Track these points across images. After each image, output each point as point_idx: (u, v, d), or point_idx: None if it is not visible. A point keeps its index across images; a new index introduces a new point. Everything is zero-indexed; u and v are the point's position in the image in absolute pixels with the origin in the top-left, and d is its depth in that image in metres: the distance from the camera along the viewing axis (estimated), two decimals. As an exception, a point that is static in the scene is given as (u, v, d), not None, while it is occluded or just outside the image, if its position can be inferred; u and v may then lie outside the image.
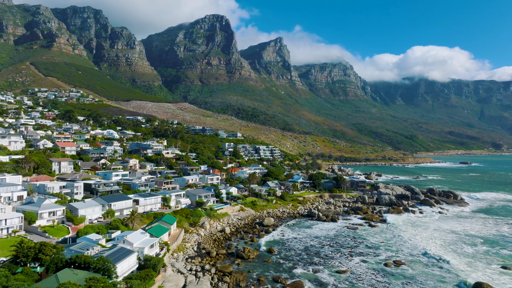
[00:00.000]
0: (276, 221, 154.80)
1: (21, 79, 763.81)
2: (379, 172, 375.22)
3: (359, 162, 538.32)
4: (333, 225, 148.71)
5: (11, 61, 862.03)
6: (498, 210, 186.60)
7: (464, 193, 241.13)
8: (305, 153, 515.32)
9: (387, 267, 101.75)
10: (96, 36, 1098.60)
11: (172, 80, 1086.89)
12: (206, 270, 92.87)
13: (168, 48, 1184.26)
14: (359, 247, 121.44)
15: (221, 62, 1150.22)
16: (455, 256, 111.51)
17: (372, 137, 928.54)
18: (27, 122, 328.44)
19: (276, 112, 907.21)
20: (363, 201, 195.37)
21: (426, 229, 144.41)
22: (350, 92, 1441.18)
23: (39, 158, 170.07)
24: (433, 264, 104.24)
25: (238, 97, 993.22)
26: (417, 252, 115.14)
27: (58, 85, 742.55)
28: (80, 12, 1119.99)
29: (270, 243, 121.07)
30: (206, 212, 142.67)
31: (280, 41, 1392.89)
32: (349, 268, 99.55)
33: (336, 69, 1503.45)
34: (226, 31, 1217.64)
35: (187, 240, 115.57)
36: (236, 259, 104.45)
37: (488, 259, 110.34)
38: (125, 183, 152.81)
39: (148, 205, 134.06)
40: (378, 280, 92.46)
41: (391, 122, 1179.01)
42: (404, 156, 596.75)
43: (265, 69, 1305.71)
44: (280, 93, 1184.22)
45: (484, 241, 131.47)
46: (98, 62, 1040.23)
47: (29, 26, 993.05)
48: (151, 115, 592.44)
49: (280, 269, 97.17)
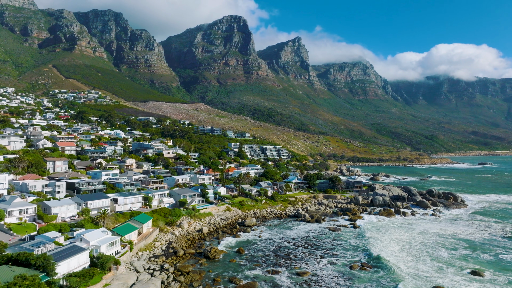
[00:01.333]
0: (260, 221, 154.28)
1: (44, 81, 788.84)
2: (388, 173, 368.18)
3: (372, 162, 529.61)
4: (316, 226, 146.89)
5: (35, 64, 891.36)
6: (497, 213, 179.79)
7: (468, 195, 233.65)
8: (316, 154, 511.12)
9: (352, 269, 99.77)
10: (116, 38, 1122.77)
11: (190, 81, 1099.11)
12: (165, 269, 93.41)
13: (187, 50, 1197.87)
14: (335, 249, 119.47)
15: (238, 63, 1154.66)
16: (426, 260, 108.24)
17: (391, 137, 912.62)
18: (39, 122, 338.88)
19: (292, 112, 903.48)
20: (357, 202, 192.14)
21: (410, 232, 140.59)
22: (370, 92, 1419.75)
23: (34, 157, 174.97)
24: (386, 268, 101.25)
25: (254, 98, 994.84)
26: (381, 255, 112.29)
27: (78, 86, 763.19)
28: (101, 15, 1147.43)
29: (243, 244, 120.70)
30: (187, 211, 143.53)
31: (298, 41, 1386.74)
32: (312, 271, 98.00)
33: (356, 69, 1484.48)
34: (243, 31, 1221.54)
35: (158, 239, 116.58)
36: (201, 259, 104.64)
37: (462, 264, 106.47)
38: (110, 182, 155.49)
39: (128, 204, 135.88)
40: (338, 283, 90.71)
41: (412, 122, 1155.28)
42: (420, 156, 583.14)
43: (283, 69, 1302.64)
44: (297, 93, 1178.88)
45: (468, 244, 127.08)
46: (118, 64, 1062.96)
47: (53, 30, 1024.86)
48: (165, 116, 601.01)
49: (240, 270, 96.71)
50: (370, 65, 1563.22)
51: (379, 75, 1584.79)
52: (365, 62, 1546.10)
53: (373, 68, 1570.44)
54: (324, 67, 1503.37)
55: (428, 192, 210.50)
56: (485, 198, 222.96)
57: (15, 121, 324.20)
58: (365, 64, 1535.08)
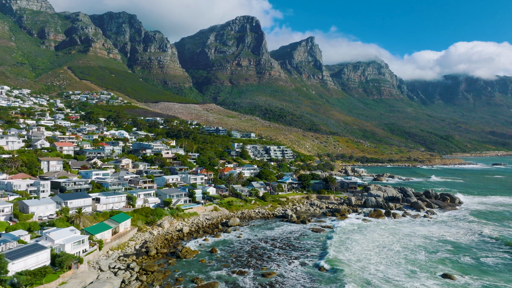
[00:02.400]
0: (245, 221, 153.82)
1: (59, 83, 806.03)
2: (394, 174, 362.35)
3: (382, 163, 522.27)
4: (300, 227, 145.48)
5: (51, 66, 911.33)
6: (493, 215, 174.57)
7: (468, 196, 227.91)
8: (324, 154, 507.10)
9: (321, 271, 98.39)
10: (130, 40, 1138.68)
11: (202, 82, 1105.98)
12: (130, 268, 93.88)
13: (200, 50, 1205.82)
14: (312, 250, 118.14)
15: (251, 63, 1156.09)
16: (400, 263, 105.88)
17: (405, 138, 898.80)
18: (47, 123, 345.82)
19: (304, 112, 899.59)
20: (349, 203, 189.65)
21: (395, 234, 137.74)
22: (385, 91, 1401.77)
23: (28, 157, 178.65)
24: (340, 271, 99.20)
25: (266, 98, 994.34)
26: (356, 257, 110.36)
27: (91, 88, 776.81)
28: (116, 17, 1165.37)
29: (219, 244, 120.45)
30: (170, 211, 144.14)
31: (311, 41, 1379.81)
32: (280, 272, 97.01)
33: (370, 68, 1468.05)
34: (256, 32, 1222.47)
35: (134, 239, 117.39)
36: (172, 258, 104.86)
37: (439, 267, 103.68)
38: (98, 182, 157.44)
39: (110, 203, 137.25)
40: (302, 285, 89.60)
41: (427, 122, 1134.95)
42: (431, 157, 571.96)
43: (296, 69, 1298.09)
44: (310, 93, 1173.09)
45: (453, 247, 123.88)
46: (132, 65, 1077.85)
47: (69, 32, 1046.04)
48: (173, 116, 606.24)
49: (205, 270, 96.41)
50: (385, 65, 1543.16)
51: (394, 74, 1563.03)
52: (380, 62, 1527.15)
53: (388, 68, 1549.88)
54: (338, 66, 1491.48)
55: (425, 193, 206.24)
56: (485, 200, 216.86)
57: (22, 121, 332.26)
58: (379, 63, 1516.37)
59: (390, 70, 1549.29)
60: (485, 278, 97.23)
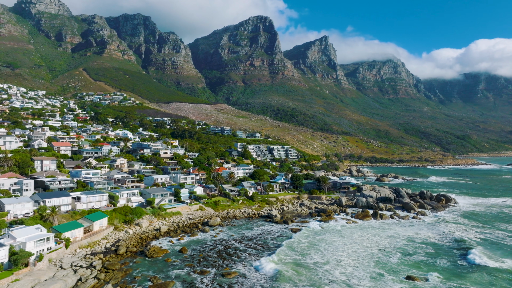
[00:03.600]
0: (227, 221, 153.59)
1: (74, 84, 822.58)
2: (399, 174, 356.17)
3: (391, 163, 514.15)
4: (280, 227, 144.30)
5: (67, 68, 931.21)
6: (486, 217, 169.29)
7: (466, 197, 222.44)
8: (332, 154, 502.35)
9: (288, 271, 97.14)
10: (145, 41, 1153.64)
11: (216, 82, 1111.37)
12: (93, 266, 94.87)
13: (213, 51, 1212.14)
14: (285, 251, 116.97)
15: (264, 63, 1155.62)
16: (369, 266, 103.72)
17: (419, 137, 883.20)
18: (54, 124, 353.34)
19: (316, 112, 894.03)
20: (340, 203, 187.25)
21: (376, 236, 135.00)
22: (401, 90, 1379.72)
23: (21, 157, 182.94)
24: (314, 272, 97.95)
25: (279, 98, 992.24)
26: (324, 259, 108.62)
27: (105, 89, 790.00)
28: (131, 19, 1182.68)
29: (192, 243, 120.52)
30: (152, 210, 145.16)
31: (325, 40, 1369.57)
32: (243, 272, 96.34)
33: (386, 67, 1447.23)
34: (269, 32, 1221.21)
35: (107, 237, 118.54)
36: (139, 257, 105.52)
37: (409, 270, 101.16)
38: (84, 181, 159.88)
39: (91, 202, 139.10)
40: (261, 285, 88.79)
41: (444, 122, 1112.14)
42: (443, 157, 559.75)
43: (310, 68, 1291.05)
44: (324, 93, 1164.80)
45: (433, 249, 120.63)
46: (146, 66, 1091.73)
47: (85, 34, 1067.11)
48: (183, 116, 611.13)
49: (167, 269, 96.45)
50: (402, 63, 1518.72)
51: (411, 73, 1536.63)
52: (396, 60, 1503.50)
53: (405, 66, 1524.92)
54: (353, 66, 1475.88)
55: (420, 194, 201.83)
56: (483, 201, 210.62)
57: (30, 122, 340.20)
58: (395, 62, 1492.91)
59: (406, 69, 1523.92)
60: (454, 281, 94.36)
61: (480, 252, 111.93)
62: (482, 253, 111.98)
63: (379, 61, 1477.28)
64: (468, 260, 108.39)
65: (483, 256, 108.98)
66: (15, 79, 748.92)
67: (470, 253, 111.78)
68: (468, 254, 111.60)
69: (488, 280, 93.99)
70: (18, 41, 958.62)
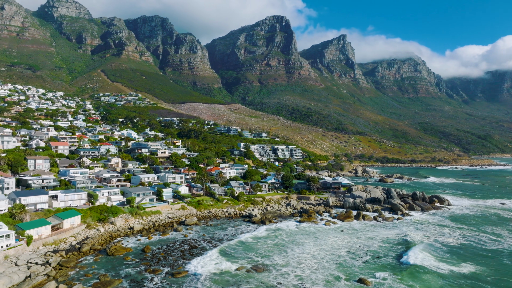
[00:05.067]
0: (206, 220, 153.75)
1: (92, 85, 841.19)
2: (405, 174, 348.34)
3: (403, 163, 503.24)
4: (256, 227, 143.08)
5: (86, 69, 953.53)
6: (475, 220, 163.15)
7: (465, 198, 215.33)
8: (342, 154, 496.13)
9: (238, 271, 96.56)
10: (162, 42, 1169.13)
11: (232, 82, 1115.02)
12: (48, 263, 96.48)
13: (230, 51, 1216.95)
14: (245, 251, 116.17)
15: (280, 63, 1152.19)
16: (328, 268, 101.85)
17: (438, 137, 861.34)
18: (62, 124, 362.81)
19: (332, 111, 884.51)
20: (327, 203, 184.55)
21: (352, 237, 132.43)
22: (421, 89, 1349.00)
23: (15, 156, 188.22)
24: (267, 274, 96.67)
25: (295, 97, 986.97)
26: (284, 261, 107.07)
27: (121, 89, 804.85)
28: (149, 21, 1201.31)
29: (160, 242, 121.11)
30: (129, 209, 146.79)
31: (343, 39, 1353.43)
32: (195, 272, 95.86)
33: (406, 65, 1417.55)
34: (286, 31, 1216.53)
35: (76, 235, 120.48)
36: (100, 255, 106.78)
37: (369, 272, 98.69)
38: (68, 180, 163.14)
39: (70, 200, 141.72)
40: (205, 285, 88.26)
41: (465, 121, 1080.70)
42: (458, 157, 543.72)
43: (327, 68, 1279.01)
44: (341, 92, 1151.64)
45: (404, 251, 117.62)
46: (164, 67, 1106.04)
47: (104, 36, 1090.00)
48: (195, 116, 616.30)
49: (120, 267, 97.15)
50: (422, 61, 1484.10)
51: (432, 71, 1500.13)
52: (417, 59, 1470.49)
53: (425, 65, 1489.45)
54: (372, 64, 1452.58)
55: (412, 195, 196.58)
56: (480, 203, 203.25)
57: (38, 122, 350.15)
58: (416, 60, 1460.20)
59: (427, 67, 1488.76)
60: (409, 283, 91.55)
61: (416, 254, 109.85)
62: (419, 254, 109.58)
63: (398, 59, 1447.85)
64: (403, 261, 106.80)
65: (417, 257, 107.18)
66: (36, 81, 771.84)
67: (406, 254, 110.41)
68: (403, 257, 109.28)
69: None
70: (40, 44, 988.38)
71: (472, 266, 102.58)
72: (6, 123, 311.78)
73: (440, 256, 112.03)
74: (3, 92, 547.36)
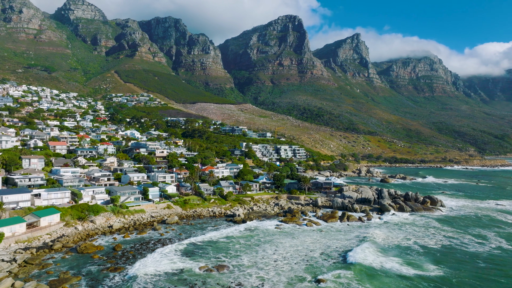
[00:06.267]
0: (189, 220, 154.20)
1: (105, 86, 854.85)
2: (407, 175, 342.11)
3: (412, 163, 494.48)
4: (234, 227, 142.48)
5: (101, 70, 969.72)
6: (465, 222, 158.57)
7: (461, 199, 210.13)
8: (349, 154, 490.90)
9: (200, 270, 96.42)
10: (175, 43, 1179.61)
11: (244, 82, 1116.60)
12: (14, 260, 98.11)
13: (242, 51, 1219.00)
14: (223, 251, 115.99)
15: (292, 63, 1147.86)
16: (295, 270, 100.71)
17: (453, 137, 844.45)
18: (68, 125, 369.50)
19: (343, 111, 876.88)
20: (315, 203, 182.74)
21: (327, 238, 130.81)
22: (437, 88, 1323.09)
23: (9, 155, 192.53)
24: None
25: (307, 97, 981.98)
26: (251, 262, 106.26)
27: (133, 90, 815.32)
28: (162, 22, 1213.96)
29: (133, 241, 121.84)
30: (112, 208, 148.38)
31: (357, 38, 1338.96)
32: (150, 272, 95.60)
33: (421, 64, 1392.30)
34: (298, 31, 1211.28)
35: (52, 232, 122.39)
36: (71, 252, 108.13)
37: (331, 272, 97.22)
38: (56, 179, 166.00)
39: (52, 199, 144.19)
40: (156, 285, 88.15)
41: (483, 120, 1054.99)
42: (470, 158, 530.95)
43: (341, 67, 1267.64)
44: (354, 92, 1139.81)
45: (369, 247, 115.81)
46: (177, 67, 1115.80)
47: (118, 38, 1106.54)
48: (203, 116, 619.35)
49: (84, 265, 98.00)
50: (439, 60, 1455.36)
51: (449, 70, 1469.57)
52: (433, 57, 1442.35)
53: (442, 63, 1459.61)
54: (387, 63, 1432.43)
55: (405, 195, 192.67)
56: (476, 204, 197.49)
57: (44, 122, 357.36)
58: (432, 59, 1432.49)
59: (444, 66, 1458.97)
60: (367, 284, 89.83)
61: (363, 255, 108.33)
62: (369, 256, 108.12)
63: (414, 58, 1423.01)
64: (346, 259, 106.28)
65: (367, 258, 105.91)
66: (51, 82, 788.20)
67: (347, 255, 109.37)
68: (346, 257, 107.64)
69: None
70: (56, 46, 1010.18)
71: (442, 269, 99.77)
72: (12, 123, 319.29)
73: (411, 258, 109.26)
74: (17, 93, 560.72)
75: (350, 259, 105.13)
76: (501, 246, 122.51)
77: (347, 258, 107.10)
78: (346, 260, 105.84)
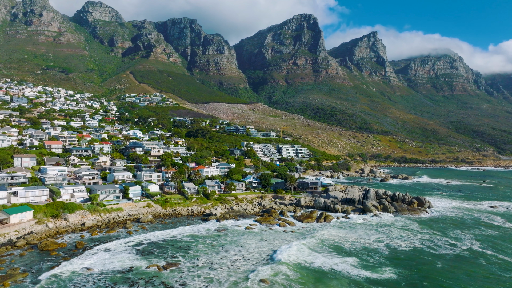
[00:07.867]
0: (164, 218, 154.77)
1: (120, 87, 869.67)
2: (409, 175, 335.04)
3: (422, 163, 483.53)
4: (206, 226, 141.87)
5: (117, 71, 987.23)
6: (451, 223, 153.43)
7: (456, 200, 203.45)
8: (357, 154, 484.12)
9: (148, 269, 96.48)
10: (190, 44, 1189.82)
11: (258, 82, 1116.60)
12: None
13: (257, 51, 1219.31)
14: (190, 249, 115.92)
15: (307, 62, 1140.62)
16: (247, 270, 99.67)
17: (471, 137, 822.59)
18: (74, 124, 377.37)
19: (358, 110, 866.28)
20: (298, 203, 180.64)
21: (299, 238, 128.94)
22: (457, 87, 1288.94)
23: (1, 154, 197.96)
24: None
25: (321, 96, 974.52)
26: (207, 263, 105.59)
27: (147, 90, 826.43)
28: (178, 23, 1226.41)
29: (100, 239, 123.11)
30: (88, 206, 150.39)
31: (373, 36, 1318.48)
32: (104, 269, 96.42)
33: (441, 62, 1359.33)
34: (313, 30, 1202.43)
35: (20, 229, 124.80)
36: (32, 249, 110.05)
37: (283, 270, 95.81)
38: (40, 178, 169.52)
39: (30, 197, 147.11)
40: (98, 283, 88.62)
41: (504, 119, 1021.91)
42: (484, 158, 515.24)
43: (357, 66, 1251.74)
44: (370, 91, 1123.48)
45: (333, 250, 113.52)
46: (191, 68, 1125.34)
47: (134, 39, 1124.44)
48: (212, 116, 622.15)
49: (37, 262, 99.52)
50: (459, 58, 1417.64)
51: (469, 68, 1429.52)
52: (453, 55, 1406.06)
53: (463, 61, 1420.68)
54: (405, 62, 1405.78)
55: (392, 196, 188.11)
56: (468, 205, 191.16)
57: (48, 121, 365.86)
58: (452, 56, 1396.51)
59: (464, 64, 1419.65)
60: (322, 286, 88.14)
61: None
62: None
63: (432, 56, 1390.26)
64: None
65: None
66: (67, 83, 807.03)
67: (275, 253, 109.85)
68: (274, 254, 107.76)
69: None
70: (75, 48, 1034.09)
71: (395, 272, 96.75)
72: (18, 123, 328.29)
73: (370, 260, 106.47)
74: (32, 94, 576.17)
75: (277, 256, 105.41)
76: (472, 247, 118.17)
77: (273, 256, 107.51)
78: (273, 258, 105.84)
